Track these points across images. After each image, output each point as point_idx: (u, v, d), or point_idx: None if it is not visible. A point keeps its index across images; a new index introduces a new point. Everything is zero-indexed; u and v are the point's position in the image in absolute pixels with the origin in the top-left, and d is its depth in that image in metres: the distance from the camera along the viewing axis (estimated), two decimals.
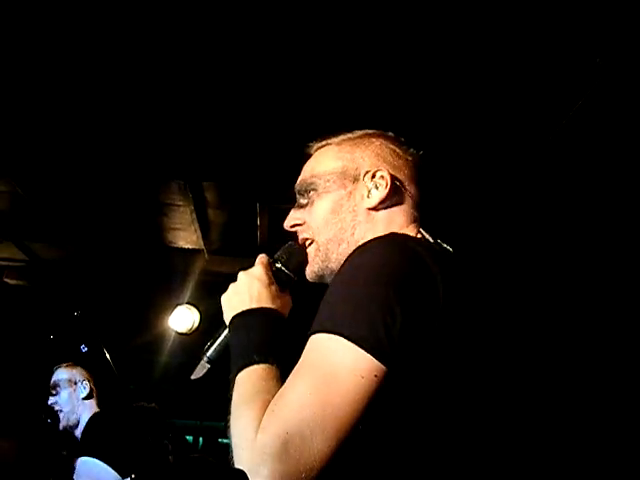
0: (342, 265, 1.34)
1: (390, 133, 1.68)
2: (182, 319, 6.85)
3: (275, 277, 1.60)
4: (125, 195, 5.18)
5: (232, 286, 1.58)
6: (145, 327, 7.21)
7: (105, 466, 3.06)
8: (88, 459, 3.13)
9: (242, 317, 1.49)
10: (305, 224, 1.63)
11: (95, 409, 3.60)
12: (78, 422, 3.57)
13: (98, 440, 3.28)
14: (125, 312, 7.25)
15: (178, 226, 5.66)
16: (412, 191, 1.60)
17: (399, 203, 1.57)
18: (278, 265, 1.63)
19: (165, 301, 6.89)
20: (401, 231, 1.51)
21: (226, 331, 1.58)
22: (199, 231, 5.63)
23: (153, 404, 3.70)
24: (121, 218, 5.66)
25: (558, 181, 4.34)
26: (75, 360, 3.71)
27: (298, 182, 1.68)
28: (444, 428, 1.24)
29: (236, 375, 1.36)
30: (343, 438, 1.12)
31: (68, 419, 3.56)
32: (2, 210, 5.59)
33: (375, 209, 1.55)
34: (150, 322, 7.15)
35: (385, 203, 1.55)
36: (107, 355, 2.86)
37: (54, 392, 3.63)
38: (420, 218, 1.60)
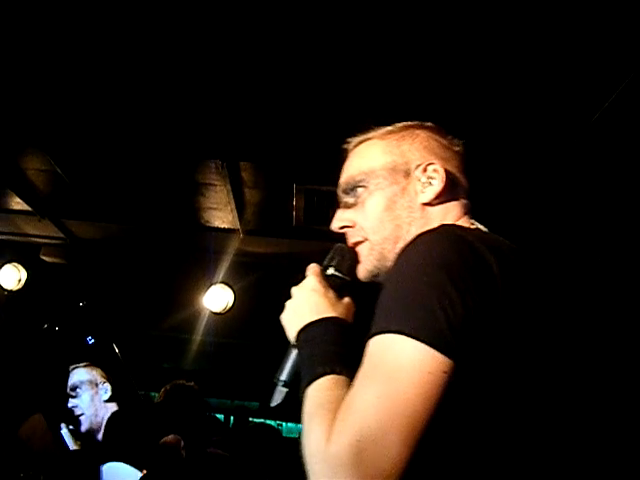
0: (394, 262, 1.31)
1: (430, 123, 1.62)
2: (216, 299, 6.89)
3: (330, 284, 1.55)
4: (162, 174, 5.20)
5: (288, 304, 1.54)
6: (180, 306, 7.27)
7: (130, 468, 2.99)
8: (113, 464, 3.01)
9: (305, 332, 1.45)
10: (356, 226, 1.57)
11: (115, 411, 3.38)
12: (101, 425, 3.35)
13: (119, 441, 3.12)
14: (160, 291, 7.31)
15: (214, 206, 5.67)
16: (462, 182, 1.56)
17: (452, 195, 1.53)
18: (330, 271, 1.58)
19: (200, 281, 6.93)
20: (455, 223, 1.47)
21: (294, 350, 1.54)
22: (235, 211, 5.63)
23: (192, 383, 3.64)
24: (158, 197, 5.69)
25: (592, 173, 4.28)
26: (81, 352, 3.56)
27: (343, 181, 1.62)
28: (511, 423, 1.21)
29: (304, 391, 1.33)
30: (417, 438, 1.09)
31: (91, 422, 3.36)
32: (41, 189, 5.65)
33: (430, 204, 1.51)
34: (185, 301, 7.20)
35: (440, 197, 1.50)
36: (115, 347, 2.82)
37: (74, 394, 3.41)
38: (471, 209, 1.56)
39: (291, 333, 1.50)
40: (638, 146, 3.96)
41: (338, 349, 1.37)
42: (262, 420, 10.73)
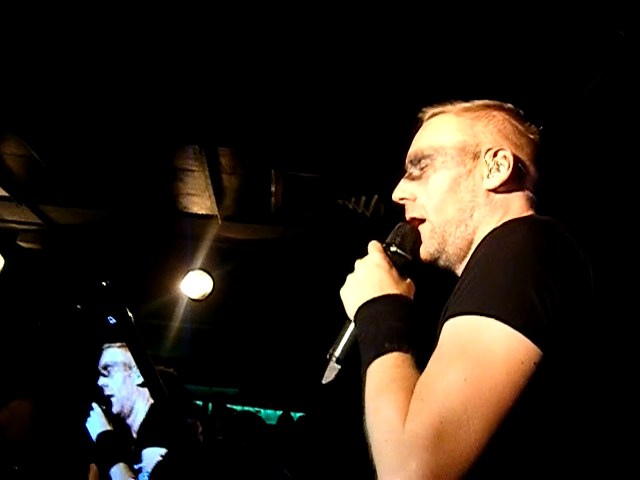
0: (480, 247, 1.28)
1: (510, 105, 1.55)
2: (194, 285, 6.88)
3: (393, 261, 1.50)
4: (140, 159, 5.18)
5: (350, 278, 1.49)
6: (157, 292, 7.25)
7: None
8: (151, 449, 2.90)
9: (367, 307, 1.39)
10: (416, 201, 1.52)
11: (149, 397, 3.18)
12: (132, 410, 3.25)
13: (158, 429, 2.98)
14: (138, 277, 7.29)
15: (192, 191, 5.66)
16: (532, 173, 1.49)
17: (519, 185, 1.47)
18: (393, 249, 1.53)
19: (178, 267, 6.92)
20: (522, 215, 1.43)
21: (351, 326, 1.48)
22: (213, 197, 5.63)
23: (171, 369, 3.58)
24: (135, 183, 5.66)
25: (575, 155, 4.31)
26: (102, 332, 3.44)
27: (412, 151, 1.56)
28: (596, 422, 1.19)
29: (367, 368, 1.28)
30: (499, 427, 1.05)
31: (122, 405, 3.24)
32: (17, 174, 5.60)
33: (495, 191, 1.45)
34: (163, 288, 7.19)
35: (506, 185, 1.45)
36: (136, 328, 2.78)
37: (105, 373, 3.28)
38: (538, 201, 1.50)
39: (351, 308, 1.45)
40: (624, 124, 3.99)
41: (405, 327, 1.32)
42: (240, 407, 10.73)
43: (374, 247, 1.52)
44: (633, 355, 1.26)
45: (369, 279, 1.44)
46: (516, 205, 1.45)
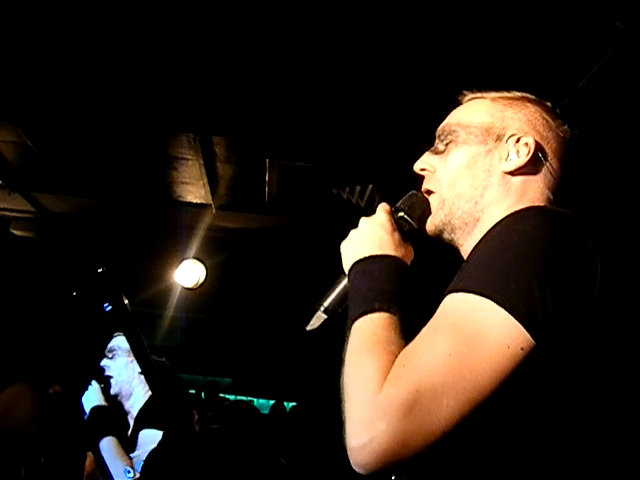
0: (494, 228, 1.26)
1: (548, 103, 1.56)
2: (188, 274, 6.87)
3: (398, 226, 1.51)
4: (134, 147, 5.16)
5: (353, 232, 1.49)
6: (151, 281, 7.24)
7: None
8: (148, 430, 3.00)
9: (363, 263, 1.40)
10: (434, 173, 1.54)
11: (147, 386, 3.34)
12: (131, 394, 3.33)
13: (157, 413, 3.07)
14: (130, 266, 7.27)
15: (187, 180, 5.65)
16: (554, 168, 1.48)
17: (538, 175, 1.46)
18: (401, 214, 1.54)
19: (171, 255, 6.91)
20: (536, 204, 1.42)
21: (345, 280, 1.49)
22: (207, 186, 5.62)
23: (163, 358, 3.60)
24: (129, 171, 5.65)
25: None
26: (98, 319, 3.52)
27: (441, 126, 1.58)
28: (582, 421, 1.17)
29: (353, 323, 1.28)
30: (474, 407, 1.05)
31: (121, 388, 3.32)
32: (10, 161, 5.58)
33: (511, 174, 1.45)
34: (156, 277, 7.17)
35: (522, 171, 1.45)
36: (132, 315, 2.79)
37: (110, 356, 3.36)
38: (555, 199, 1.48)
39: (347, 262, 1.45)
40: (622, 116, 3.98)
41: (396, 289, 1.32)
42: (234, 396, 10.75)
43: (382, 208, 1.53)
44: (634, 355, 1.25)
45: (370, 237, 1.45)
46: (531, 193, 1.45)
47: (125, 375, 3.34)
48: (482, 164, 1.46)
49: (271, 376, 10.51)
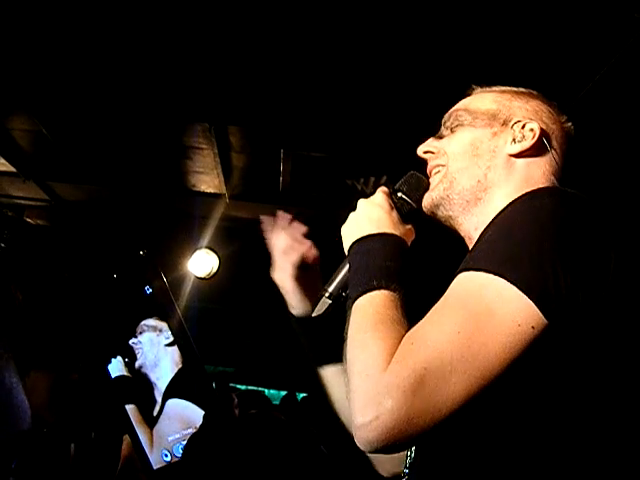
0: (506, 209, 1.26)
1: (554, 102, 1.58)
2: (201, 263, 6.88)
3: (397, 206, 1.52)
4: (149, 136, 5.16)
5: (352, 215, 1.50)
6: (164, 271, 7.23)
7: (193, 405, 2.98)
8: (176, 400, 3.03)
9: (361, 242, 1.41)
10: (439, 152, 1.54)
11: (178, 360, 3.28)
12: (156, 365, 3.30)
13: (186, 385, 3.16)
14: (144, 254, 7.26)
15: (201, 170, 5.64)
16: (557, 159, 1.48)
17: (542, 161, 1.47)
18: (400, 194, 1.55)
19: (185, 245, 6.91)
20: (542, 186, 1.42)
21: (348, 264, 1.47)
22: (221, 175, 5.61)
23: None
24: (144, 160, 5.65)
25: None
26: (138, 302, 3.57)
27: (448, 113, 1.59)
28: (592, 403, 1.15)
29: (354, 302, 1.28)
30: (482, 386, 1.05)
31: (145, 357, 3.29)
32: (26, 149, 5.59)
33: (516, 157, 1.46)
34: (169, 266, 7.18)
35: (527, 155, 1.46)
36: (173, 299, 2.81)
37: (137, 334, 3.34)
38: (560, 184, 1.47)
39: (347, 244, 1.46)
40: (625, 123, 3.97)
41: (396, 266, 1.32)
42: (244, 386, 10.77)
43: (380, 190, 1.54)
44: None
45: (368, 217, 1.45)
46: (537, 177, 1.45)
47: (150, 346, 3.33)
48: (487, 145, 1.48)
49: (282, 367, 10.52)
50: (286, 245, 1.78)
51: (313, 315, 1.56)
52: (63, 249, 6.74)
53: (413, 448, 1.40)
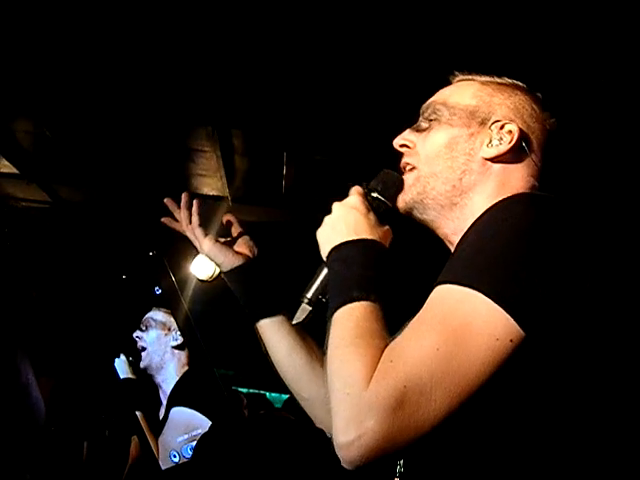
0: (481, 217, 1.23)
1: (538, 93, 1.53)
2: (203, 266, 6.87)
3: (372, 206, 1.48)
4: (153, 139, 5.17)
5: (327, 219, 1.45)
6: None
7: (198, 413, 2.91)
8: (180, 408, 2.98)
9: (339, 250, 1.37)
10: (414, 149, 1.50)
11: (184, 362, 3.31)
12: (162, 368, 3.28)
13: (191, 392, 3.07)
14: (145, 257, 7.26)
15: (204, 172, 5.65)
16: (537, 160, 1.44)
17: (520, 165, 1.43)
18: (374, 194, 1.51)
19: (187, 247, 6.89)
20: (520, 192, 1.37)
21: (325, 269, 1.46)
22: (224, 178, 5.62)
23: None
24: (147, 162, 5.65)
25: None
26: (148, 302, 3.47)
27: (426, 103, 1.55)
28: (572, 409, 1.15)
29: (333, 314, 1.26)
30: (462, 401, 1.05)
31: (151, 359, 3.27)
32: (29, 152, 5.59)
33: (491, 161, 1.42)
34: (171, 268, 7.17)
35: (504, 159, 1.42)
36: (183, 300, 2.80)
37: (143, 328, 3.34)
38: (541, 187, 1.45)
39: (324, 250, 1.42)
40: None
41: (375, 275, 1.30)
42: (246, 390, 10.73)
43: (355, 191, 1.51)
44: (629, 345, 1.20)
45: (344, 221, 1.42)
46: (514, 181, 1.42)
47: (156, 347, 3.30)
48: (463, 147, 1.44)
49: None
50: (196, 221, 1.94)
51: (293, 323, 1.56)
52: (66, 251, 6.75)
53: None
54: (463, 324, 1.08)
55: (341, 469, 1.06)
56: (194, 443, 2.76)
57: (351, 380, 1.12)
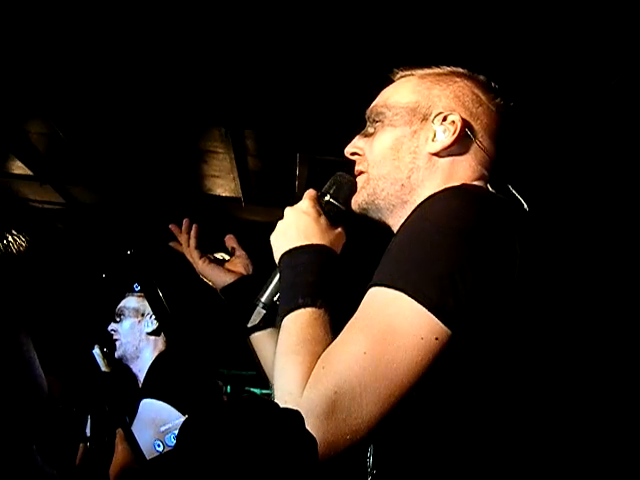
0: (410, 215, 1.25)
1: (481, 76, 1.51)
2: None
3: (325, 210, 1.51)
4: (166, 140, 5.17)
5: (279, 224, 1.50)
6: (171, 272, 7.23)
7: (168, 406, 2.88)
8: (150, 400, 2.89)
9: (289, 256, 1.40)
10: (363, 155, 1.52)
11: (161, 348, 3.22)
12: (137, 357, 3.20)
13: (162, 382, 2.99)
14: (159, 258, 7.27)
15: (217, 173, 5.65)
16: (485, 144, 1.43)
17: (467, 154, 1.43)
18: (327, 198, 1.55)
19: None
20: (462, 183, 1.37)
21: (278, 274, 1.49)
22: (237, 179, 5.61)
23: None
24: (161, 164, 5.66)
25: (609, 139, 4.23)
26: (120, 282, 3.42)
27: (370, 107, 1.57)
28: (505, 404, 1.15)
29: (281, 320, 1.29)
30: (394, 402, 1.06)
31: (125, 350, 3.21)
32: (42, 153, 5.61)
33: (437, 155, 1.42)
34: (185, 269, 7.18)
35: (450, 151, 1.41)
36: (161, 295, 2.79)
37: (117, 319, 3.27)
38: (491, 175, 1.44)
39: (276, 255, 1.46)
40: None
41: (321, 281, 1.32)
42: (259, 390, 10.73)
43: (307, 195, 1.55)
44: (563, 335, 1.21)
45: (295, 226, 1.45)
46: (461, 172, 1.42)
47: (130, 336, 3.24)
48: (408, 146, 1.45)
49: None
50: (193, 244, 2.02)
51: (248, 326, 1.62)
52: (80, 251, 6.77)
53: (371, 460, 1.41)
54: (388, 326, 1.09)
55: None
56: (176, 431, 2.74)
57: (287, 388, 1.14)
